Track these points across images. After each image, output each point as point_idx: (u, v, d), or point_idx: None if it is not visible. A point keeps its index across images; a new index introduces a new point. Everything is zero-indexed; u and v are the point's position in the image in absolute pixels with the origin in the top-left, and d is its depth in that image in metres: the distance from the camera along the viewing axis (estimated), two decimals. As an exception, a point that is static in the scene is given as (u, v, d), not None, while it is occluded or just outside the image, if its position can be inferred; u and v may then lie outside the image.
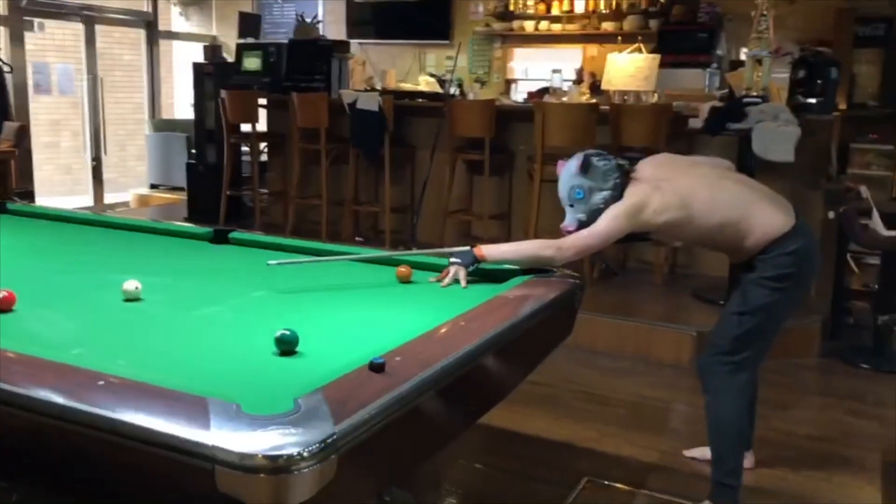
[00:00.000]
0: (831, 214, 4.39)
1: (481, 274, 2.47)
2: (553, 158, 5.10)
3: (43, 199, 7.64)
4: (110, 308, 2.13)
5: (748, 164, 4.63)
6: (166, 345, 1.85)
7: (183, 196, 8.66)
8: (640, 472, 2.97)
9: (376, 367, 1.55)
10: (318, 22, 6.98)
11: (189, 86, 9.73)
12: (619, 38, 6.92)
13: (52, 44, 8.60)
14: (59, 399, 1.39)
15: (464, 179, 5.96)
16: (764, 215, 2.53)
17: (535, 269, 2.47)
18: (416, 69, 8.94)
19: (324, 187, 6.23)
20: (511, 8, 8.22)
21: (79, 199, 8.86)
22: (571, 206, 2.56)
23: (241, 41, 7.11)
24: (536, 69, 8.72)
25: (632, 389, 3.82)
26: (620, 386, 3.86)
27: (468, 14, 8.67)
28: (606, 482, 2.87)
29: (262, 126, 6.82)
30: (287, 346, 1.75)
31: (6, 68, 7.09)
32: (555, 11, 8.05)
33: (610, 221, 2.48)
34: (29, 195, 7.40)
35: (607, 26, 7.79)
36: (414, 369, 1.58)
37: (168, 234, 3.10)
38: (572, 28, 8.00)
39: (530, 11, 8.15)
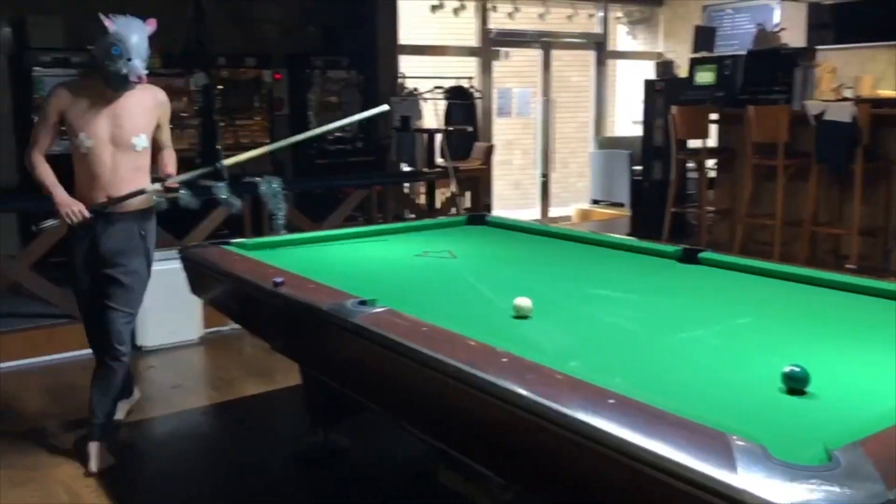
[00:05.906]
0: None
1: None
2: None
3: (497, 212, 8.37)
4: (594, 322, 2.15)
5: None
6: (659, 367, 1.80)
7: (623, 212, 8.84)
8: None
9: (925, 426, 1.30)
10: (782, 30, 6.51)
11: (631, 103, 9.98)
12: None
13: (511, 70, 9.40)
14: (570, 412, 1.40)
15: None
16: None
17: None
18: (891, 74, 7.87)
19: (778, 206, 5.78)
20: None
21: (526, 213, 9.54)
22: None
23: (694, 55, 6.96)
24: None
25: None
26: None
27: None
28: None
29: (711, 142, 6.58)
30: (798, 385, 1.57)
31: (476, 94, 7.92)
32: None
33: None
34: (487, 208, 8.19)
35: None
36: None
37: (636, 251, 3.08)
38: None
39: None
